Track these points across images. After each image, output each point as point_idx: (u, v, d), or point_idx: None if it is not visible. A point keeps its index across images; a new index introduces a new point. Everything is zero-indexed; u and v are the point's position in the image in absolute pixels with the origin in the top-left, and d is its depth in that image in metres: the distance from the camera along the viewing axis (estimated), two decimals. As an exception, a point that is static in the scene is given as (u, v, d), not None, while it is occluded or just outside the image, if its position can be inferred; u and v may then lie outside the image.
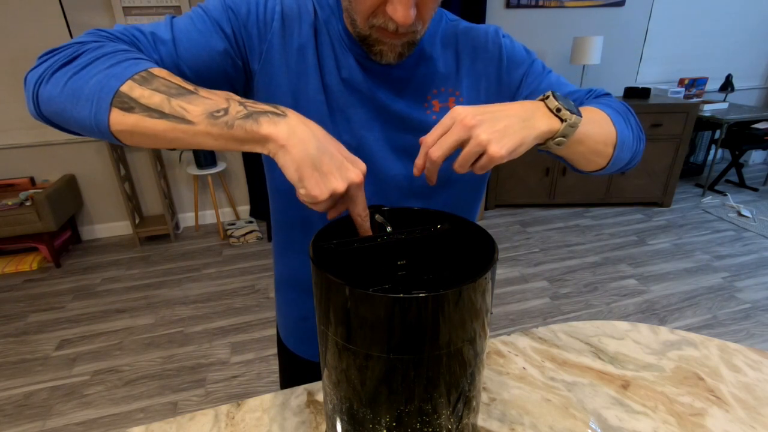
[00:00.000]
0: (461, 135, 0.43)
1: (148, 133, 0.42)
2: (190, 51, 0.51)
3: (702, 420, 0.56)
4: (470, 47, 0.62)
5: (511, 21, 3.17)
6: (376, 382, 0.37)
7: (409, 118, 0.60)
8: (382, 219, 0.47)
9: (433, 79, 0.60)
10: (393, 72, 0.59)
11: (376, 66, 0.58)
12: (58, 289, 2.44)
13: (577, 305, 2.21)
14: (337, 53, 0.58)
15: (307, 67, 0.57)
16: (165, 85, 0.42)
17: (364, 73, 0.58)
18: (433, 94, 0.60)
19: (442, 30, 0.62)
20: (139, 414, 1.62)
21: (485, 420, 0.57)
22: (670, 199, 3.30)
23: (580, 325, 0.76)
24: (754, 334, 1.99)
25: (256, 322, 2.12)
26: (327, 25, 0.58)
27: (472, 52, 0.62)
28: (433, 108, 0.61)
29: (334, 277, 0.35)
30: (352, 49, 0.57)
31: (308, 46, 0.57)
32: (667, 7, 3.41)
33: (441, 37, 0.61)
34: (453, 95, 0.61)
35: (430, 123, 0.60)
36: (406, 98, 0.60)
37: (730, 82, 3.54)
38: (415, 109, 0.60)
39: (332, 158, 0.42)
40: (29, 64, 2.52)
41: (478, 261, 0.41)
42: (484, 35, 0.62)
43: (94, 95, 0.41)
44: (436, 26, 0.61)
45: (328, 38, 0.58)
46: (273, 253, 0.77)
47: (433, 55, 0.60)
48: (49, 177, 2.81)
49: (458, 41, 0.62)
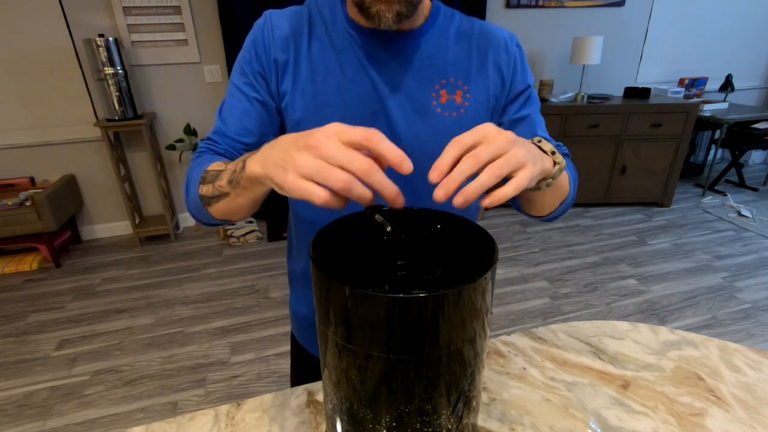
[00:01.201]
0: (504, 148, 0.39)
1: (224, 210, 0.54)
2: (236, 126, 0.62)
3: (702, 420, 0.56)
4: (485, 46, 0.62)
5: (511, 21, 3.17)
6: (376, 382, 0.37)
7: (416, 99, 0.60)
8: (382, 219, 0.47)
9: (444, 67, 0.61)
10: (408, 48, 0.60)
11: (391, 43, 0.60)
12: (58, 289, 2.44)
13: (577, 305, 2.21)
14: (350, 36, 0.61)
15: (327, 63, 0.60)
16: (211, 176, 0.53)
17: (381, 45, 0.60)
18: (442, 84, 0.60)
19: (456, 25, 0.63)
20: (139, 414, 1.62)
21: (485, 420, 0.57)
22: (670, 199, 3.30)
23: (580, 325, 0.76)
24: (754, 334, 1.99)
25: (256, 322, 2.12)
26: (333, 20, 0.61)
27: (486, 51, 0.62)
28: (440, 99, 0.61)
29: (334, 277, 0.35)
30: (362, 32, 0.60)
31: (325, 45, 0.60)
32: (667, 7, 3.41)
33: (456, 30, 0.63)
34: (461, 89, 0.61)
35: (432, 116, 0.60)
36: (416, 79, 0.60)
37: (730, 82, 3.54)
38: (422, 93, 0.60)
39: (286, 152, 0.38)
40: (29, 64, 2.52)
41: (478, 261, 0.41)
42: (502, 38, 0.63)
43: (197, 203, 0.57)
44: (450, 21, 0.63)
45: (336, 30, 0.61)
46: (288, 249, 0.78)
47: (447, 46, 0.61)
48: (49, 177, 2.81)
49: (474, 37, 0.63)
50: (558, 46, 3.34)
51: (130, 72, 2.59)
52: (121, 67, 2.48)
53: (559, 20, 3.26)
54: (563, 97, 3.19)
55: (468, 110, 0.61)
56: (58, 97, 2.65)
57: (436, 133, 0.61)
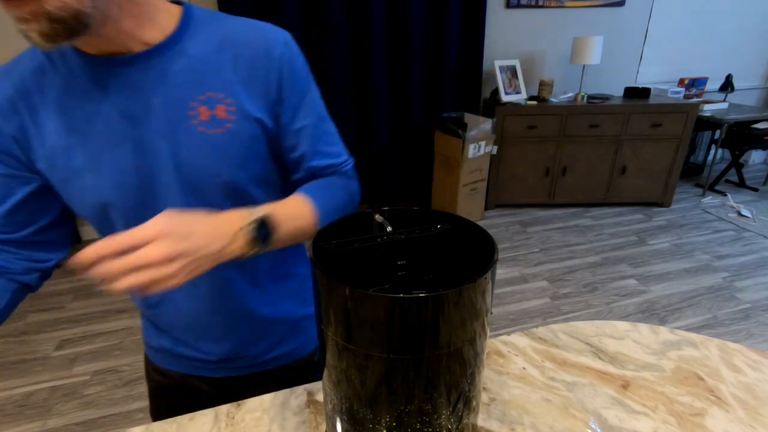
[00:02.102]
0: (161, 271, 0.42)
1: None
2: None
3: (702, 420, 0.56)
4: (248, 53, 0.56)
5: (511, 21, 3.17)
6: (376, 382, 0.37)
7: (172, 121, 0.54)
8: (382, 219, 0.47)
9: (199, 82, 0.54)
10: (151, 70, 0.53)
11: (129, 67, 0.53)
12: (58, 289, 2.44)
13: (577, 305, 2.21)
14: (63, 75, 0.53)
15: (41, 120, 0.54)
16: None
17: (101, 81, 0.53)
18: (199, 100, 0.54)
19: (216, 30, 0.56)
20: (139, 414, 1.62)
21: (485, 420, 0.57)
22: (670, 199, 3.30)
23: (580, 325, 0.76)
24: (754, 334, 1.99)
25: (256, 322, 2.12)
26: (61, 58, 0.53)
27: (250, 58, 0.56)
28: (199, 116, 0.54)
29: (334, 277, 0.35)
30: (93, 62, 0.53)
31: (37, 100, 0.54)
32: (667, 7, 3.41)
33: (216, 37, 0.56)
34: (224, 102, 0.55)
35: (193, 134, 0.54)
36: (167, 100, 0.54)
37: (730, 82, 3.54)
38: (176, 113, 0.54)
39: None
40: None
41: (478, 261, 0.41)
42: (264, 42, 0.57)
43: None
44: (207, 27, 0.56)
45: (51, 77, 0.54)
46: None
47: (202, 57, 0.55)
48: (49, 177, 2.81)
49: (237, 44, 0.56)
50: (558, 46, 3.34)
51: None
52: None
53: (559, 20, 3.26)
54: (563, 97, 3.19)
55: (236, 124, 0.55)
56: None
57: (204, 154, 0.55)
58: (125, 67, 0.52)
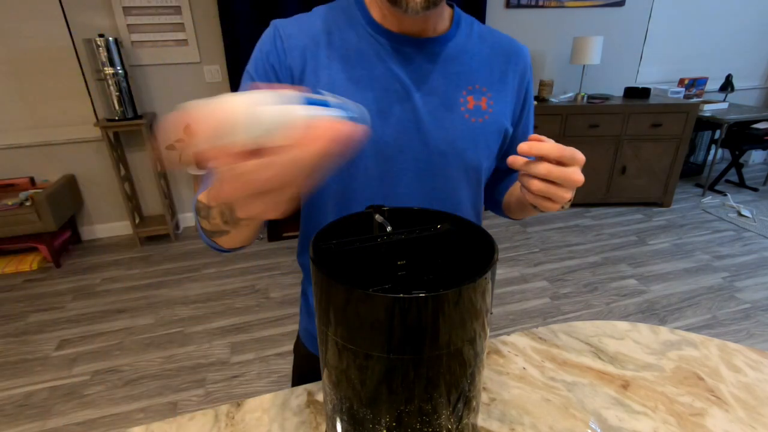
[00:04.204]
0: (577, 183, 0.48)
1: (231, 243, 0.55)
2: None
3: (702, 420, 0.56)
4: (505, 55, 0.64)
5: (511, 21, 3.17)
6: (376, 382, 0.37)
7: (445, 98, 0.60)
8: (382, 219, 0.47)
9: (471, 73, 0.62)
10: (436, 51, 0.60)
11: (419, 46, 0.60)
12: (58, 289, 2.44)
13: (577, 305, 2.21)
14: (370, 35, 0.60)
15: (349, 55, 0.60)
16: (204, 211, 0.52)
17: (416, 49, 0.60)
18: (468, 90, 0.61)
19: (477, 31, 0.64)
20: (139, 414, 1.62)
21: (485, 420, 0.57)
22: (670, 199, 3.30)
23: (580, 325, 0.76)
24: (754, 334, 1.99)
25: (256, 322, 2.12)
26: (352, 27, 0.60)
27: (507, 59, 0.64)
28: (467, 104, 0.61)
29: (334, 277, 0.35)
30: (389, 36, 0.60)
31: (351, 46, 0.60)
32: (667, 7, 3.41)
33: (478, 38, 0.64)
34: (486, 95, 0.62)
35: (459, 118, 0.60)
36: (445, 79, 0.60)
37: (730, 82, 3.54)
38: (451, 94, 0.61)
39: None
40: (30, 64, 2.52)
41: (478, 261, 0.41)
42: (519, 48, 0.66)
43: (202, 233, 0.57)
44: (471, 28, 0.64)
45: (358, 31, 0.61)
46: (299, 244, 0.75)
47: (472, 53, 0.62)
48: (49, 177, 2.81)
49: (495, 45, 0.64)
50: (558, 46, 3.35)
51: (130, 72, 2.59)
52: (121, 67, 2.48)
53: (559, 20, 3.26)
54: (563, 97, 3.19)
55: (491, 116, 0.62)
56: (58, 97, 2.65)
57: (463, 135, 0.61)
58: (416, 46, 0.60)
